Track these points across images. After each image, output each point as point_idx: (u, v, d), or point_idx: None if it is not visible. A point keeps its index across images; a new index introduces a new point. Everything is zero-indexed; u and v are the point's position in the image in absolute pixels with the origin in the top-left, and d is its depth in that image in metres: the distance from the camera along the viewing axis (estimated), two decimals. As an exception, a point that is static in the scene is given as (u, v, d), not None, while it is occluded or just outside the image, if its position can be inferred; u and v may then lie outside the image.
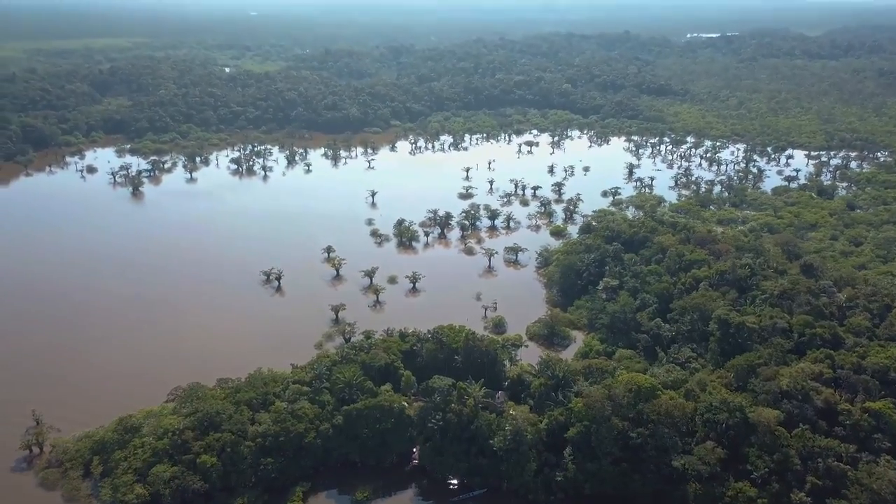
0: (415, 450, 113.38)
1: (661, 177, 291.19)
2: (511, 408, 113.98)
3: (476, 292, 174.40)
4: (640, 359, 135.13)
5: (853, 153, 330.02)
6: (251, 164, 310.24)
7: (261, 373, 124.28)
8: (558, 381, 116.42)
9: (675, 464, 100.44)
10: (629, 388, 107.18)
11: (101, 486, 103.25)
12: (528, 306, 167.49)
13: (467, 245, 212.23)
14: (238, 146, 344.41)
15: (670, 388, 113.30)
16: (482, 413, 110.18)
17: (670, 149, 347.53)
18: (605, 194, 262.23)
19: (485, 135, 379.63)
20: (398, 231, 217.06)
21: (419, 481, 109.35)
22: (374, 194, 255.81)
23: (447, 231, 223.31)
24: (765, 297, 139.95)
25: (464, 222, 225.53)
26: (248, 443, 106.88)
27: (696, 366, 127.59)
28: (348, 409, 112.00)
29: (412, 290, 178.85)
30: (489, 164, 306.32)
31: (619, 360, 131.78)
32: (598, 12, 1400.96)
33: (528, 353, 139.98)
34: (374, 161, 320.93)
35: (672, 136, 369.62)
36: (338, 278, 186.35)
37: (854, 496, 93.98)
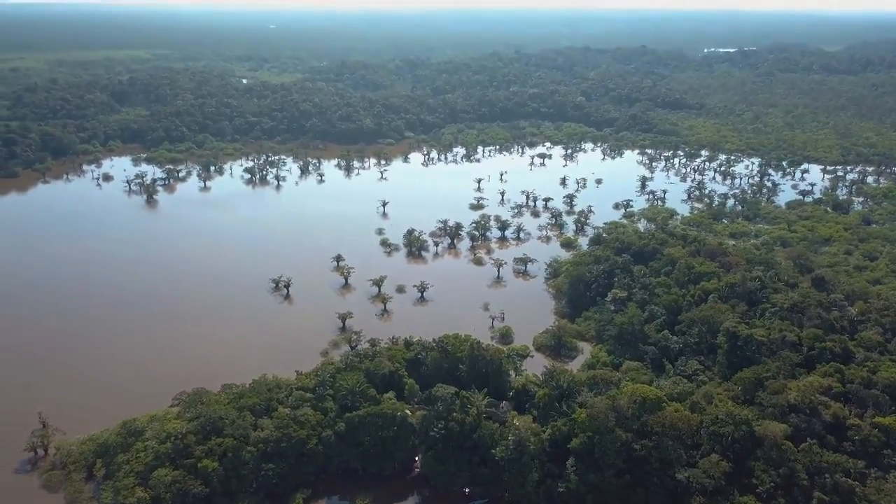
0: (417, 458, 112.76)
1: (674, 190, 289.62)
2: (514, 418, 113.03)
3: (484, 302, 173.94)
4: (647, 371, 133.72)
5: (870, 168, 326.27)
6: (265, 173, 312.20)
7: (265, 379, 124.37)
8: (562, 392, 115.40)
9: (679, 477, 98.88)
10: (634, 399, 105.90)
11: (103, 488, 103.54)
12: (536, 317, 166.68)
13: (477, 255, 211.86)
14: (252, 156, 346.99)
15: (676, 401, 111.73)
16: (485, 422, 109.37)
17: (684, 162, 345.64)
18: (616, 207, 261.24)
19: (498, 147, 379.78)
20: (408, 241, 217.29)
21: (420, 490, 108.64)
22: (385, 204, 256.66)
23: (457, 241, 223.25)
24: (774, 310, 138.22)
25: (474, 233, 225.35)
26: (250, 448, 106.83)
27: (703, 378, 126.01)
28: (351, 416, 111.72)
29: (420, 299, 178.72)
30: (501, 175, 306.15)
31: (625, 372, 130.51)
32: (616, 25, 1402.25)
33: (535, 364, 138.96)
34: (386, 172, 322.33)
35: (686, 150, 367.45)
36: (346, 287, 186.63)
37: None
